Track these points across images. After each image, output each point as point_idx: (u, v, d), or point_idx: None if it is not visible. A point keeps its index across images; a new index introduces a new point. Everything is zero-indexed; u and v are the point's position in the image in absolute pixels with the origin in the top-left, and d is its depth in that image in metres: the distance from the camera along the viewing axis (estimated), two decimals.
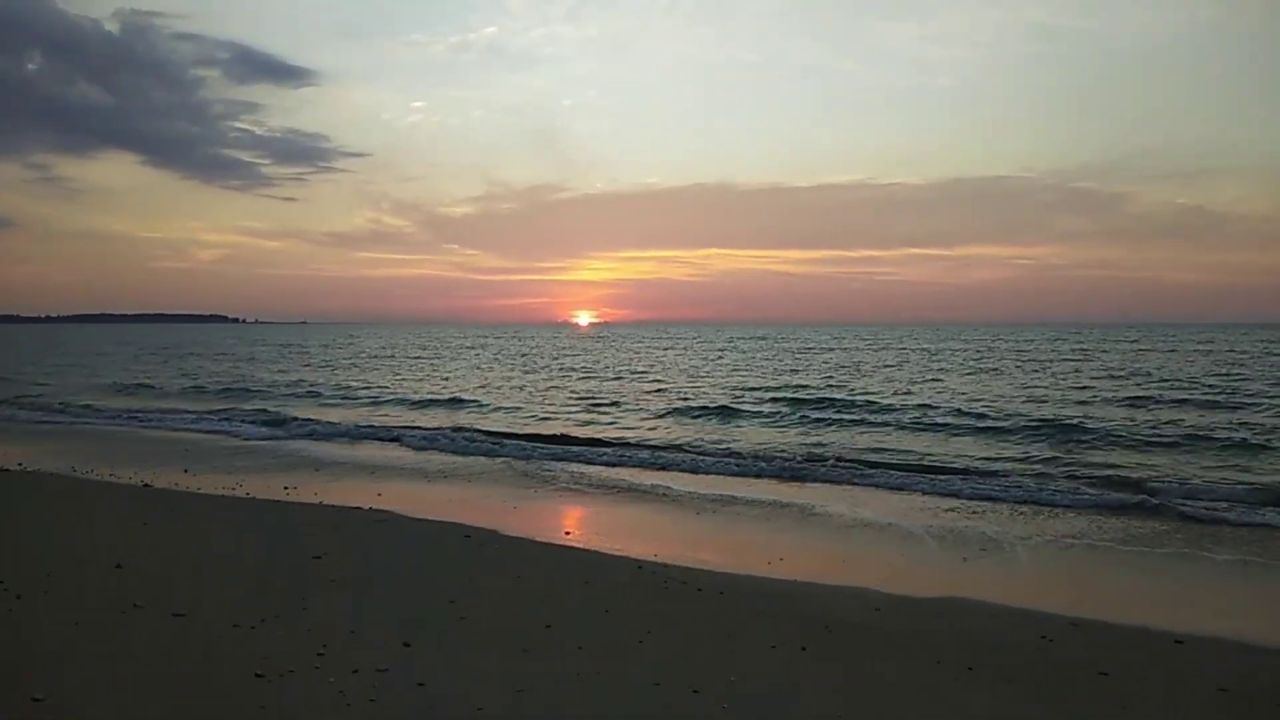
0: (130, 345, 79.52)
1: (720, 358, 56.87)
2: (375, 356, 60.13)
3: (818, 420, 23.11)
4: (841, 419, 23.19)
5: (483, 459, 17.69)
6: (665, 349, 73.77)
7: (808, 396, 28.55)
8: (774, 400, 27.82)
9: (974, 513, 12.35)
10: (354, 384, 36.37)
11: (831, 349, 67.84)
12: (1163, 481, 14.37)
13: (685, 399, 29.09)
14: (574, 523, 11.91)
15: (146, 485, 12.88)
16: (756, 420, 23.88)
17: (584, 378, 40.36)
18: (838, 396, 28.16)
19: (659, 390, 33.21)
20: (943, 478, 15.04)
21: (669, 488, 14.35)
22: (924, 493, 14.01)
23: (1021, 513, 12.36)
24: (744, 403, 27.52)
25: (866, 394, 29.84)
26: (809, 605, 7.44)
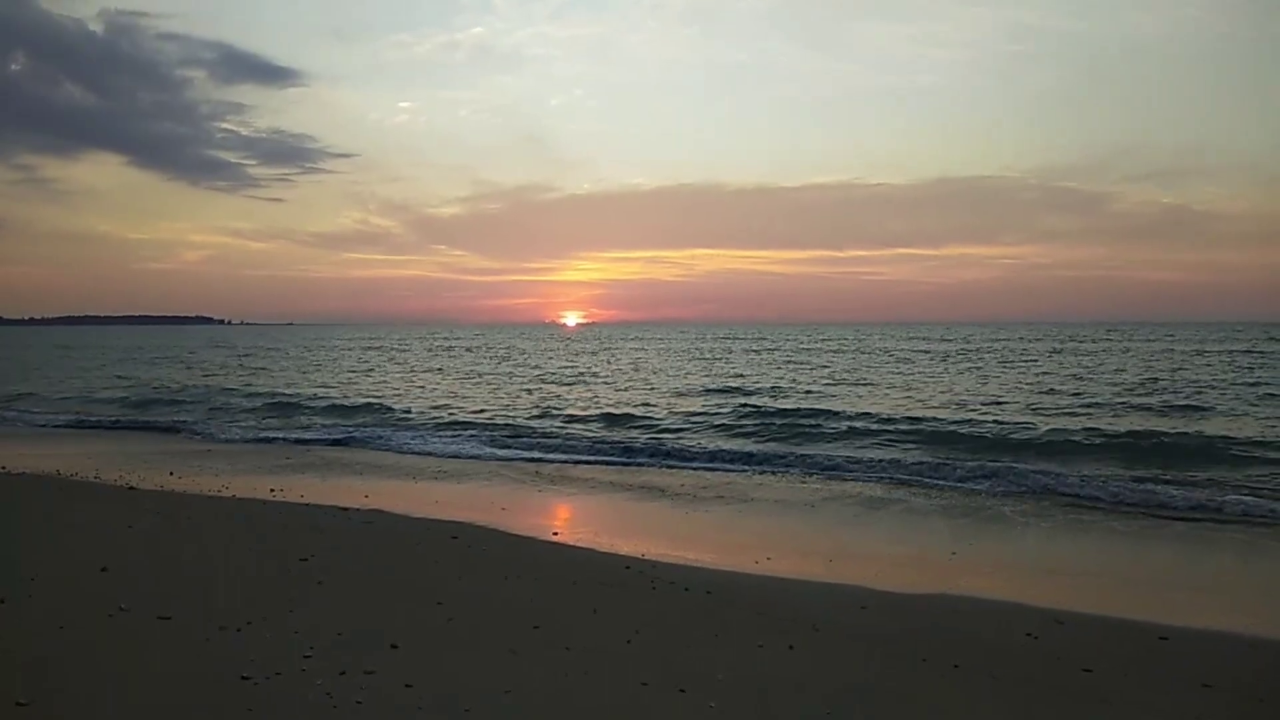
0: (99, 349, 76.66)
1: (693, 359, 56.89)
2: (311, 365, 55.22)
3: (791, 425, 22.61)
4: (814, 425, 22.86)
5: (469, 461, 17.68)
6: (641, 348, 73.72)
7: (783, 405, 28.42)
8: (734, 406, 27.42)
9: (959, 510, 12.41)
10: (287, 389, 34.48)
11: (815, 349, 67.96)
12: (1147, 480, 14.47)
13: (679, 394, 29.08)
14: (560, 522, 11.92)
15: (131, 488, 12.80)
16: (718, 423, 23.56)
17: (546, 381, 40.17)
18: (821, 407, 27.98)
19: (629, 388, 33.19)
20: (929, 477, 15.13)
21: (655, 486, 14.37)
22: (909, 488, 14.08)
23: (1007, 510, 12.43)
24: (720, 409, 27.54)
25: (855, 400, 29.88)
26: (796, 604, 7.46)
